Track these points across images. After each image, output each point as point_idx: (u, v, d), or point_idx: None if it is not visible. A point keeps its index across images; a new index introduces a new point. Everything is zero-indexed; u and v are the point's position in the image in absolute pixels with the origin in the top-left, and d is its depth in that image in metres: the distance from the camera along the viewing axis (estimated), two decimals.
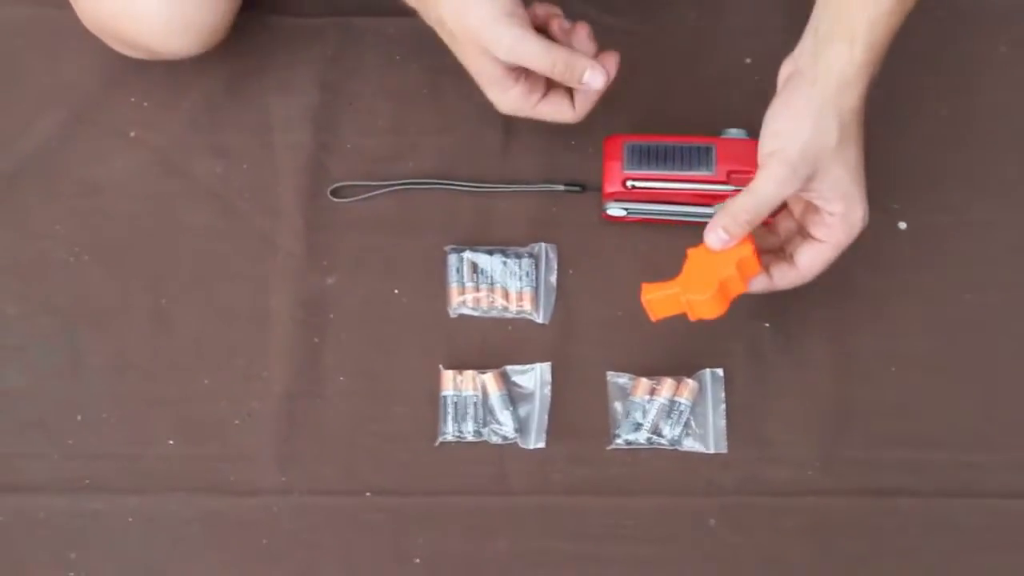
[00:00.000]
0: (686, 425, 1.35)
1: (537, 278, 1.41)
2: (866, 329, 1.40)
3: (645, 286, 1.28)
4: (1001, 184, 1.46)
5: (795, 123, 1.21)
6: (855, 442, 1.35)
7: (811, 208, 1.27)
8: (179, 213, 1.46)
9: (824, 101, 1.20)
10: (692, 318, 1.27)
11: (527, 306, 1.40)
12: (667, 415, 1.34)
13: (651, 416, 1.34)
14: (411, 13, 1.30)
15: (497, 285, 1.41)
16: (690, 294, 1.25)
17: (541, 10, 1.32)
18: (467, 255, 1.42)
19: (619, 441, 1.35)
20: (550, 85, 1.31)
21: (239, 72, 1.51)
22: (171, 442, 1.36)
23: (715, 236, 1.24)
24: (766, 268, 1.28)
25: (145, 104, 1.50)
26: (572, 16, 1.34)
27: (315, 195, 1.46)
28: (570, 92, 1.32)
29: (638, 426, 1.34)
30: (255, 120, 1.50)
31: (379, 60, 1.53)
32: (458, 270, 1.41)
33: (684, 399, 1.35)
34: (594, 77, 1.27)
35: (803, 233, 1.28)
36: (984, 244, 1.44)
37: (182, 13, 1.40)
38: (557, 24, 1.32)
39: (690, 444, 1.35)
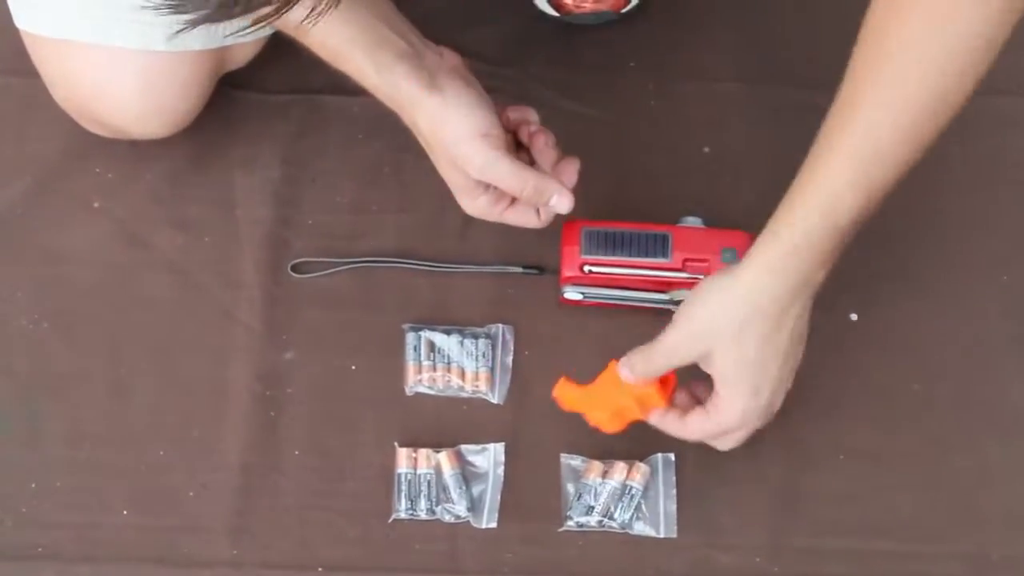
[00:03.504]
0: (637, 509, 1.36)
1: (493, 359, 1.43)
2: (816, 418, 1.41)
3: (562, 382, 1.31)
4: (949, 281, 1.49)
5: (705, 294, 1.22)
6: (802, 530, 1.37)
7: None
8: (140, 284, 1.47)
9: (737, 284, 1.19)
10: (591, 424, 1.31)
11: (483, 386, 1.42)
12: (619, 498, 1.36)
13: (603, 499, 1.35)
14: None
15: (454, 364, 1.42)
16: (591, 407, 1.30)
17: (514, 114, 1.34)
18: (425, 334, 1.43)
19: (571, 523, 1.36)
20: None
21: (203, 146, 1.52)
22: (125, 512, 1.36)
23: (626, 370, 1.26)
24: (677, 405, 1.29)
25: (109, 175, 1.51)
26: (532, 101, 1.37)
27: (275, 270, 1.47)
28: None
29: (590, 509, 1.35)
30: (218, 194, 1.51)
31: (342, 138, 1.55)
32: (415, 348, 1.42)
33: (636, 483, 1.36)
34: (560, 202, 1.30)
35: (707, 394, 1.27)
36: (932, 337, 1.46)
37: (159, 100, 1.42)
38: (526, 131, 1.34)
39: (640, 528, 1.36)
